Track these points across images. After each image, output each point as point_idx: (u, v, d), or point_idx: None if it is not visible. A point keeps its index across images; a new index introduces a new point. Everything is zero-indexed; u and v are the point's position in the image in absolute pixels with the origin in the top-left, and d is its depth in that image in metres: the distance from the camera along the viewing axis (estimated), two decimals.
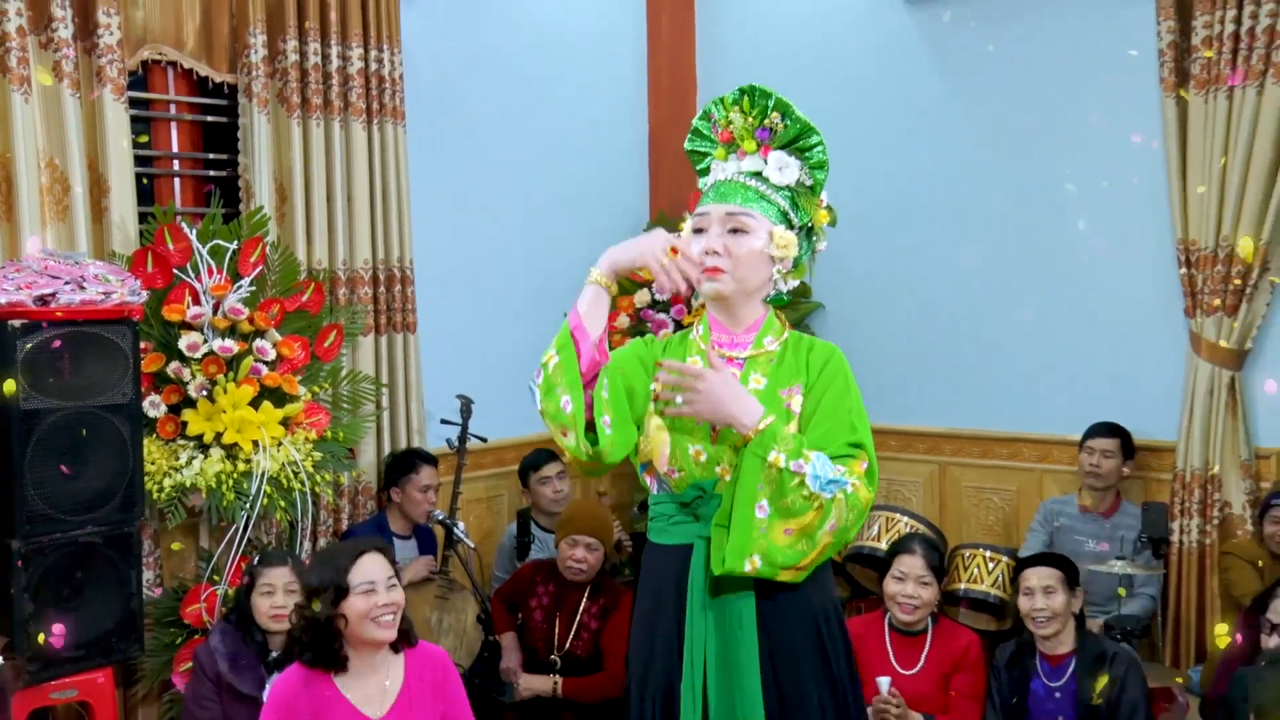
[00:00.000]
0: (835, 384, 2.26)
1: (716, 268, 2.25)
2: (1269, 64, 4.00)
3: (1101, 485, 4.36)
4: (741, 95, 2.31)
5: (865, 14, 5.10)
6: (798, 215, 2.31)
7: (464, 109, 4.83)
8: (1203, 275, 4.23)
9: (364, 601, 2.73)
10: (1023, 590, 3.50)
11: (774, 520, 2.13)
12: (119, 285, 3.43)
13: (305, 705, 2.71)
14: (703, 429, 2.28)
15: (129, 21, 3.80)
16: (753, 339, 2.31)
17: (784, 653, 2.26)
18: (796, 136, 2.29)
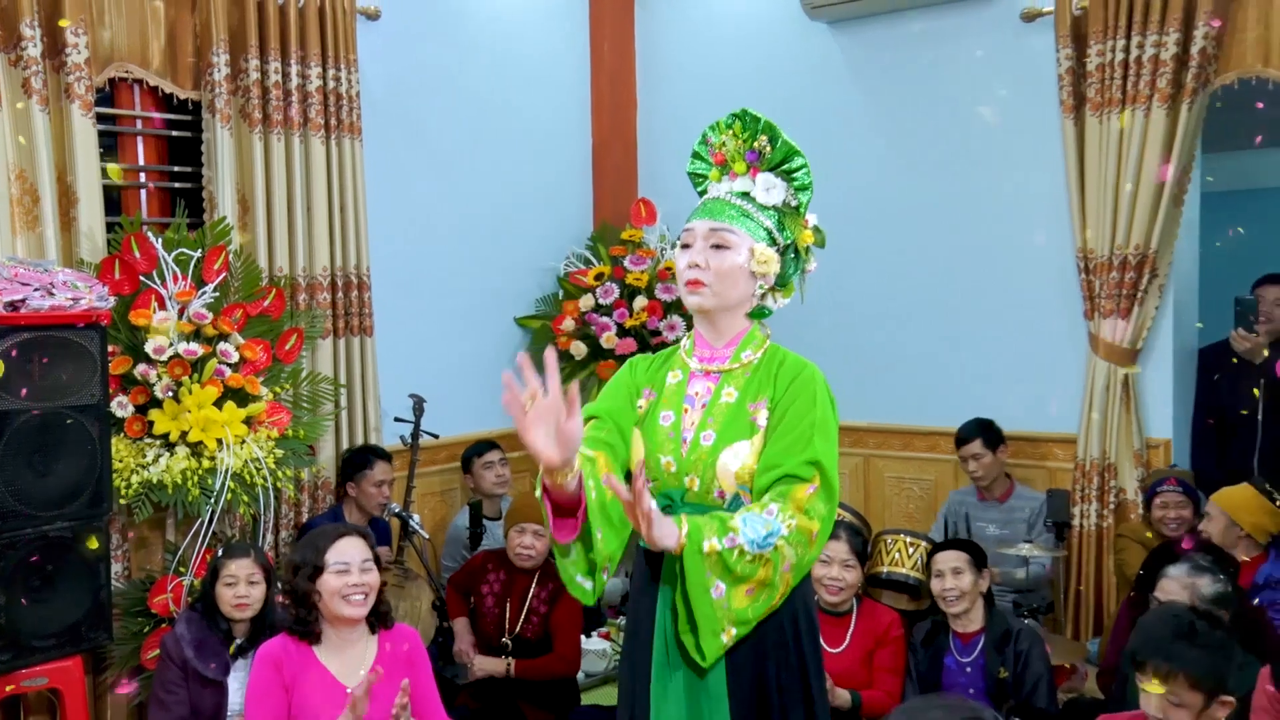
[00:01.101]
0: (801, 398, 2.20)
1: (698, 281, 2.22)
2: (1154, 89, 4.13)
3: (986, 481, 4.46)
4: (734, 119, 2.30)
5: (793, 37, 5.17)
6: (783, 235, 2.29)
7: (418, 125, 4.84)
8: (1099, 281, 4.35)
9: (337, 580, 2.84)
10: (934, 572, 3.59)
11: (731, 590, 2.05)
12: (87, 292, 3.41)
13: (289, 667, 2.84)
14: (674, 440, 2.25)
15: (96, 41, 3.77)
16: (731, 353, 2.27)
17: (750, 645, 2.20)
18: (783, 159, 2.28)
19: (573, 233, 5.46)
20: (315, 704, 2.81)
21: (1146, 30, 4.11)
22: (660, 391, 2.31)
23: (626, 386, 2.35)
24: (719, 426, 2.21)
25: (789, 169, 2.29)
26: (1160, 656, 2.43)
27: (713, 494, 2.21)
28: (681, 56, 5.53)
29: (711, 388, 2.26)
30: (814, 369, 2.28)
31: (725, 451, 2.19)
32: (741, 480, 2.19)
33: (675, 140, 5.46)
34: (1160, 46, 4.09)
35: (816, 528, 2.11)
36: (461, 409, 4.89)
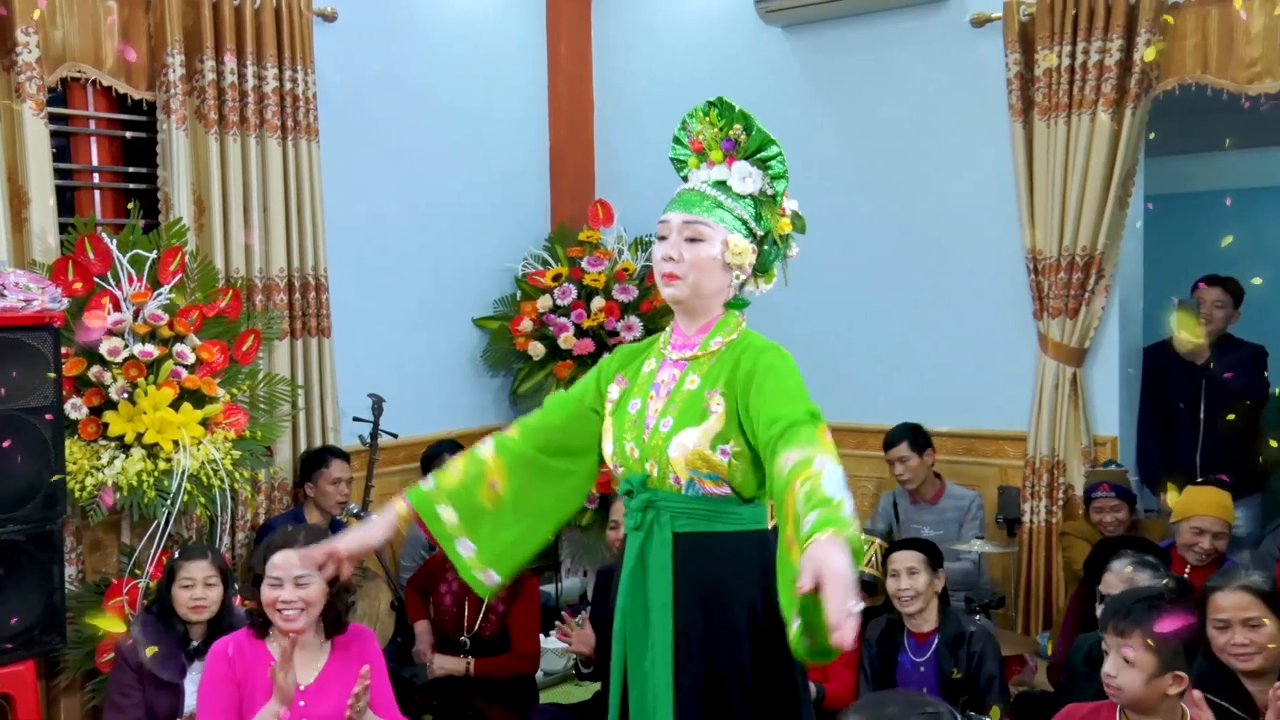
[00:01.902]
0: (777, 365, 2.18)
1: (673, 274, 2.23)
2: (1099, 94, 4.20)
3: (914, 484, 4.50)
4: (711, 107, 2.29)
5: (748, 40, 5.20)
6: (760, 224, 2.28)
7: (375, 126, 4.82)
8: (1048, 281, 4.42)
9: (270, 593, 2.80)
10: (890, 572, 3.60)
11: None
12: (39, 293, 3.37)
13: (241, 663, 2.81)
14: (638, 427, 2.26)
15: (48, 40, 3.72)
16: (700, 340, 2.27)
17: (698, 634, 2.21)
18: (759, 148, 2.27)
19: (530, 234, 5.46)
20: (267, 700, 2.79)
21: (1091, 36, 4.19)
22: (634, 380, 2.33)
23: (593, 379, 2.40)
24: (677, 413, 2.21)
25: (764, 157, 2.28)
26: (1119, 615, 2.49)
27: (669, 480, 2.21)
28: (638, 59, 5.55)
29: (677, 375, 2.26)
30: (778, 349, 2.27)
31: (675, 438, 2.19)
32: (693, 466, 2.17)
33: (632, 142, 5.49)
34: (1105, 53, 4.17)
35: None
36: (420, 409, 4.87)
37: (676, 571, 2.21)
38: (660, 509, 2.22)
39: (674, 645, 2.19)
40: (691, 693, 2.19)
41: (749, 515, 2.24)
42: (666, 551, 2.21)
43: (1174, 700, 2.46)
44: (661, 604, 2.21)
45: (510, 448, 2.36)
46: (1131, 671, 2.44)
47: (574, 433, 2.38)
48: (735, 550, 2.23)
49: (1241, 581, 2.71)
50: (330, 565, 2.31)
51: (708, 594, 2.21)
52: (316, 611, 2.85)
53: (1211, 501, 3.77)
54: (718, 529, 2.21)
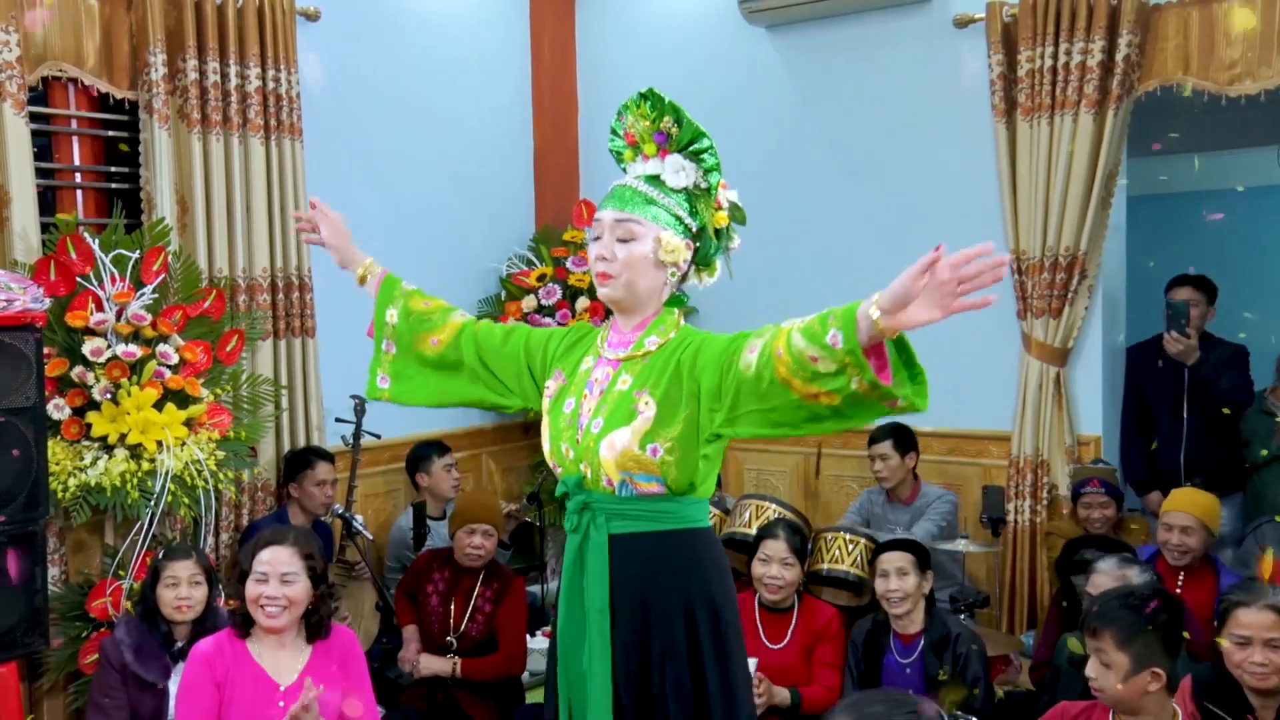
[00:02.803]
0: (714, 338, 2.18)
1: (606, 273, 2.21)
2: (1082, 95, 4.25)
3: (891, 483, 4.53)
4: (642, 99, 2.26)
5: (732, 40, 5.23)
6: (695, 218, 2.25)
7: (359, 126, 4.83)
8: (1032, 282, 4.46)
9: (254, 588, 2.83)
10: (878, 573, 3.61)
11: None
12: (21, 293, 3.36)
13: (221, 664, 2.82)
14: (572, 427, 2.25)
15: (28, 39, 3.71)
16: (635, 339, 2.24)
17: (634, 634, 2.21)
18: (691, 140, 2.24)
19: (515, 234, 5.48)
20: (247, 700, 2.80)
21: (1074, 37, 4.23)
22: (571, 377, 2.32)
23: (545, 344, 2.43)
24: (607, 414, 2.20)
25: (696, 150, 2.24)
26: (1093, 616, 2.53)
27: (601, 481, 2.21)
28: (622, 58, 5.57)
29: (610, 374, 2.25)
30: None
31: (605, 439, 2.18)
32: (624, 467, 2.17)
33: None
34: (1087, 54, 4.21)
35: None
36: (404, 409, 4.85)
37: (613, 574, 2.21)
38: (596, 510, 2.22)
39: (611, 648, 2.19)
40: (628, 695, 2.20)
41: (685, 512, 2.23)
42: (602, 554, 2.21)
43: (1159, 697, 2.49)
44: (599, 607, 2.20)
45: (465, 334, 2.49)
46: (1108, 672, 2.48)
47: (506, 369, 2.45)
48: (672, 550, 2.22)
49: (1269, 600, 2.69)
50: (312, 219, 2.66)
51: (644, 596, 2.21)
52: (299, 611, 2.87)
53: (1187, 500, 3.83)
54: (653, 529, 2.21)
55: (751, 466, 5.29)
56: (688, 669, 2.20)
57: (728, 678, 2.24)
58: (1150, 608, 2.52)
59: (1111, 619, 2.50)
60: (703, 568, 2.24)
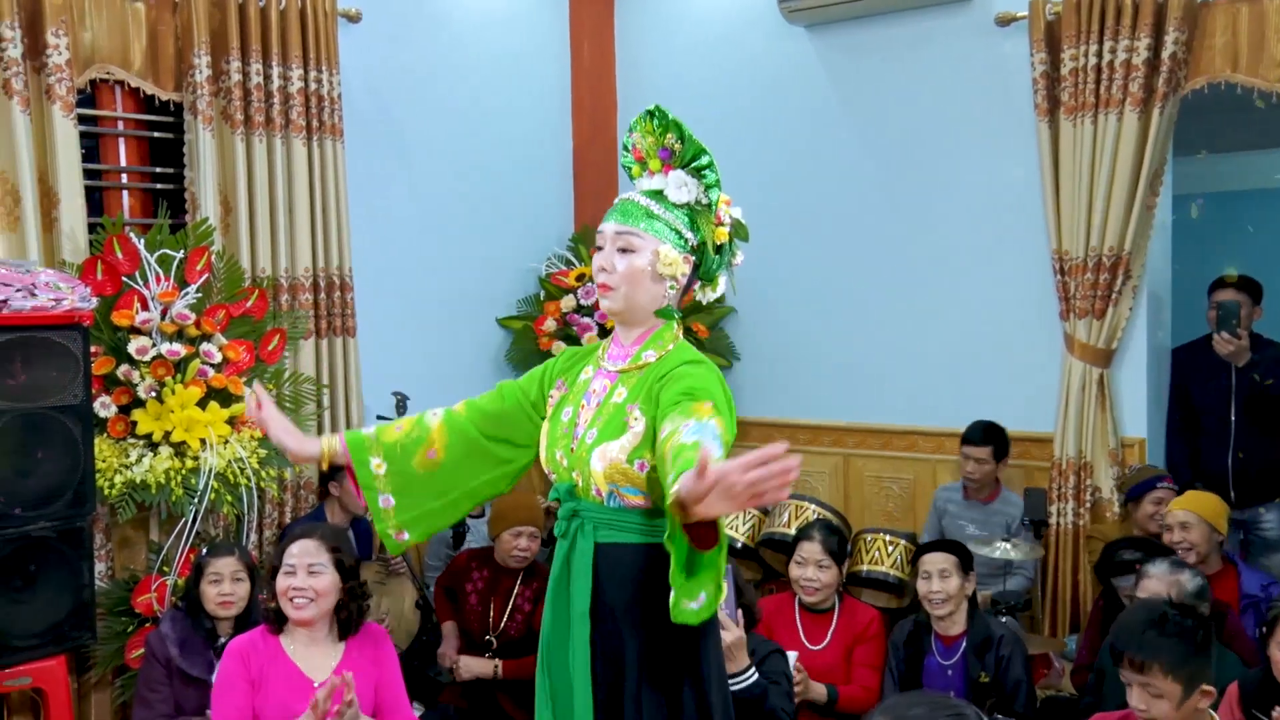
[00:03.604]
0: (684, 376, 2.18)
1: (606, 284, 2.26)
2: (1126, 93, 4.20)
3: (978, 485, 4.51)
4: (648, 116, 2.31)
5: (771, 40, 5.22)
6: (695, 234, 2.29)
7: (399, 126, 4.86)
8: (1075, 282, 4.42)
9: (283, 580, 2.89)
10: (921, 574, 3.59)
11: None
12: (69, 292, 3.42)
13: (256, 660, 2.87)
14: (568, 436, 2.30)
15: (77, 42, 3.78)
16: (634, 352, 2.29)
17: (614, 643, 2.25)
18: (693, 157, 2.29)
19: (554, 234, 5.50)
20: (282, 696, 2.85)
21: (1119, 35, 4.18)
22: (571, 387, 2.38)
23: (539, 374, 2.46)
24: (601, 425, 2.24)
25: (698, 166, 2.29)
26: (1134, 647, 2.48)
27: (591, 491, 2.24)
28: (661, 58, 5.58)
29: (608, 386, 2.29)
30: (707, 364, 2.26)
31: (595, 451, 2.22)
32: (611, 479, 2.20)
33: None
34: (1132, 51, 4.16)
35: (724, 430, 2.04)
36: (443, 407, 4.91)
37: (596, 581, 2.24)
38: (584, 518, 2.26)
39: (590, 654, 2.23)
40: (605, 701, 2.23)
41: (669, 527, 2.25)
42: (587, 561, 2.24)
43: (1205, 712, 2.46)
44: (580, 613, 2.24)
45: (457, 423, 2.43)
46: (1161, 702, 2.43)
47: (515, 425, 2.44)
48: (654, 562, 2.21)
49: None
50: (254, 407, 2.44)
51: (625, 604, 2.24)
52: (326, 604, 2.90)
53: (1193, 501, 3.82)
54: (636, 540, 2.23)
55: None
56: (664, 680, 2.24)
57: (703, 691, 2.27)
58: (1193, 628, 2.48)
59: (1157, 649, 2.44)
60: None
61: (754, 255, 5.77)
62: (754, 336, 5.36)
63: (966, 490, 4.56)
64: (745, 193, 5.57)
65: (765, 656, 3.18)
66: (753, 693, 2.96)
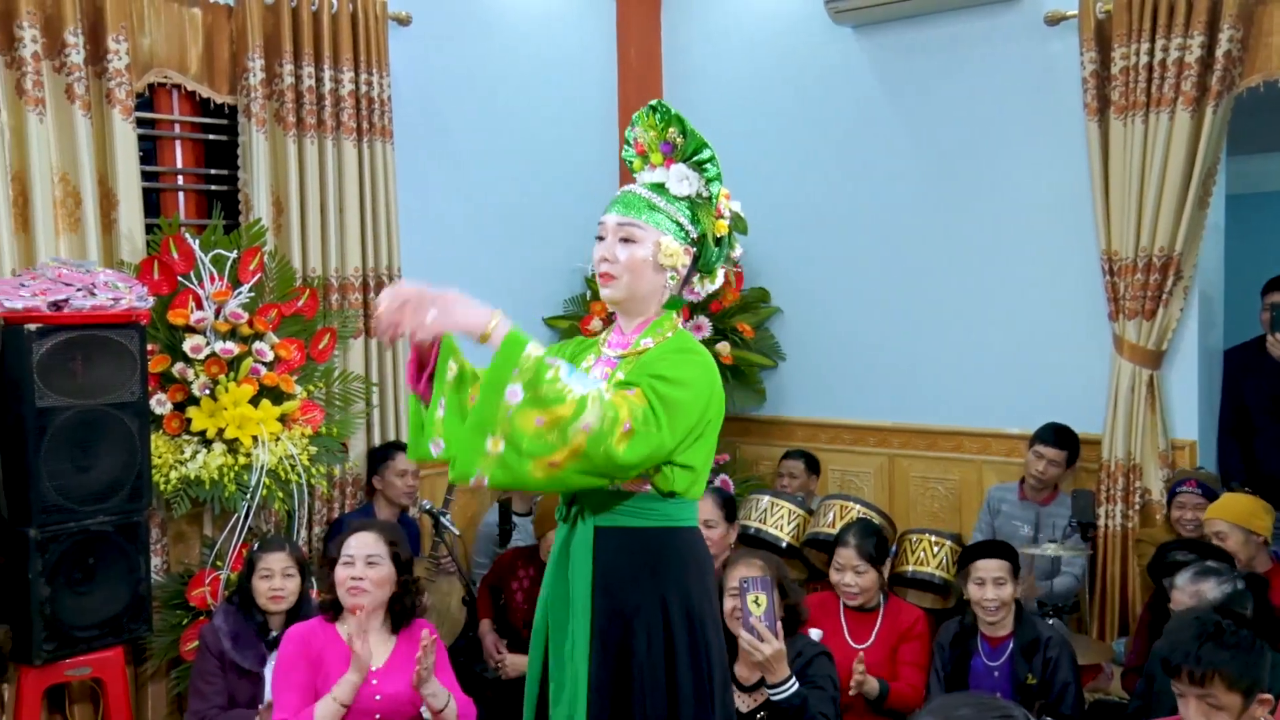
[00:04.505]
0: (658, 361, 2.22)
1: (608, 274, 2.30)
2: (1179, 92, 4.15)
3: (1042, 486, 4.47)
4: (651, 111, 2.35)
5: (818, 40, 5.20)
6: (695, 226, 2.32)
7: (447, 128, 4.91)
8: (1124, 283, 4.36)
9: (341, 571, 2.99)
10: (973, 579, 3.54)
11: (525, 407, 2.00)
12: (127, 292, 3.49)
13: (316, 645, 2.97)
14: None
15: (136, 47, 3.85)
16: (634, 339, 2.33)
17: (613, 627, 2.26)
18: (694, 151, 2.32)
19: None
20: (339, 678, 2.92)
21: (1171, 33, 4.13)
22: None
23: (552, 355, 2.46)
24: None
25: (699, 160, 2.32)
26: (1191, 661, 2.42)
27: None
28: (707, 59, 5.58)
29: (609, 372, 2.32)
30: (699, 353, 2.27)
31: None
32: None
33: None
34: (1185, 49, 4.10)
35: (628, 423, 2.06)
36: None
37: (596, 564, 2.26)
38: (584, 502, 2.28)
39: (590, 636, 2.25)
40: (604, 683, 2.25)
41: (670, 511, 2.29)
42: (588, 544, 2.27)
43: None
44: (581, 595, 2.27)
45: None
46: (1221, 715, 2.39)
47: None
48: (653, 546, 2.27)
49: None
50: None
51: (625, 587, 2.26)
52: (382, 595, 2.99)
53: (1227, 507, 3.76)
54: (637, 524, 2.26)
55: (835, 468, 5.26)
56: (661, 662, 2.26)
57: (700, 674, 2.29)
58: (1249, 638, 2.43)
59: (1217, 662, 2.39)
60: (681, 566, 2.30)
61: (801, 255, 5.79)
62: (800, 336, 5.35)
63: (1023, 491, 4.52)
64: (792, 193, 5.59)
65: (811, 660, 3.16)
66: (792, 703, 2.95)
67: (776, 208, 5.33)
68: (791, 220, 5.30)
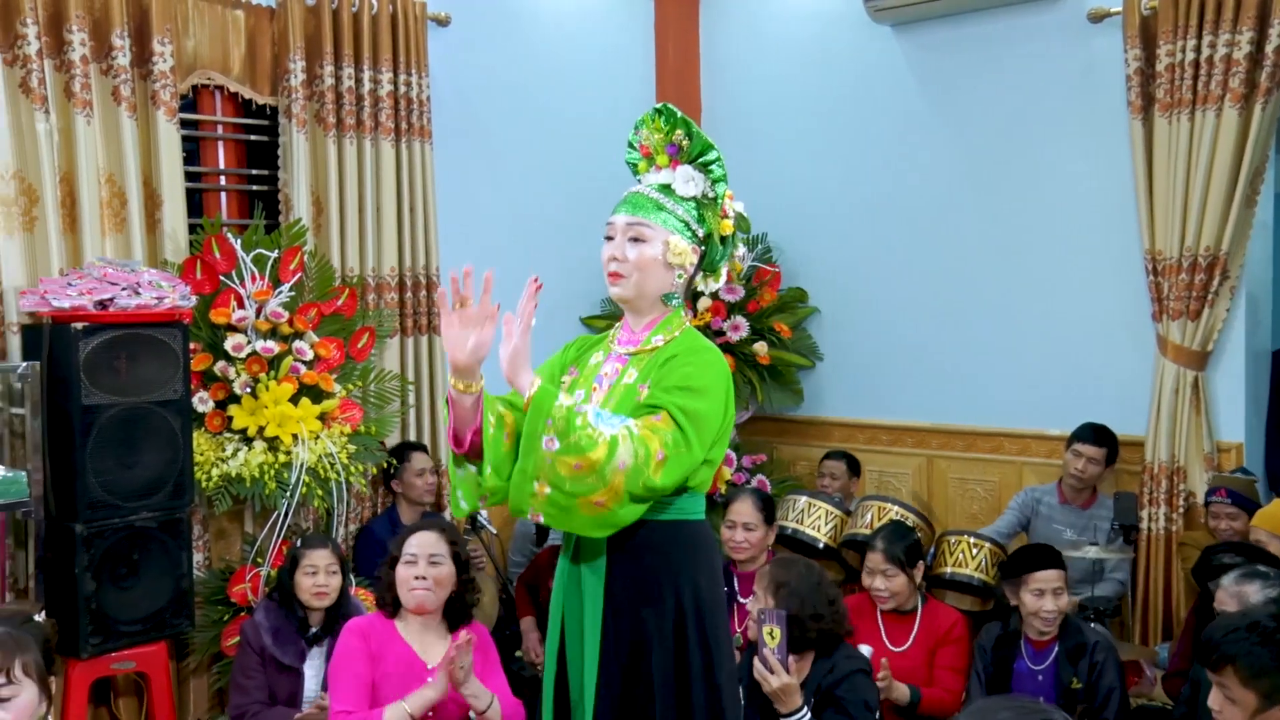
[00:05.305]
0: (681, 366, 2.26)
1: (618, 273, 2.35)
2: (1226, 89, 4.09)
3: (1082, 486, 4.43)
4: (657, 114, 2.41)
5: (857, 39, 5.18)
6: (702, 226, 2.38)
7: (486, 128, 4.93)
8: (1168, 283, 4.31)
9: (405, 570, 3.01)
10: (1031, 589, 3.48)
11: (562, 455, 2.10)
12: (170, 291, 3.54)
13: (375, 639, 3.00)
14: None
15: (181, 50, 3.91)
16: (644, 337, 2.38)
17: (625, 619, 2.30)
18: (700, 153, 2.37)
19: None
20: (397, 676, 2.96)
21: (1219, 29, 4.07)
22: (582, 370, 2.46)
23: (557, 363, 2.53)
24: (614, 405, 2.32)
25: (705, 162, 2.38)
26: (1213, 647, 2.41)
27: None
28: (745, 59, 5.57)
29: (619, 369, 2.39)
30: (712, 352, 2.33)
31: None
32: None
33: (739, 142, 5.50)
34: (1233, 46, 4.05)
35: (661, 449, 2.15)
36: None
37: (609, 558, 2.31)
38: None
39: (602, 630, 2.29)
40: (615, 677, 2.29)
41: (681, 504, 2.32)
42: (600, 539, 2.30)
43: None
44: (594, 589, 2.31)
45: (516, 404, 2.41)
46: (1234, 709, 2.36)
47: None
48: (662, 537, 2.31)
49: None
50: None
51: (637, 581, 2.30)
52: (445, 594, 3.03)
53: (1266, 517, 3.71)
54: (649, 517, 2.28)
55: (873, 468, 5.24)
56: (672, 650, 2.29)
57: (711, 662, 2.32)
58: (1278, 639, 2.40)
59: (1235, 654, 2.36)
60: (690, 556, 2.33)
61: (839, 255, 5.77)
62: (837, 336, 5.33)
63: (1063, 493, 4.48)
64: (830, 192, 5.56)
65: (843, 678, 3.06)
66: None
67: (815, 207, 5.32)
68: (830, 220, 5.29)
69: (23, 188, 3.56)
